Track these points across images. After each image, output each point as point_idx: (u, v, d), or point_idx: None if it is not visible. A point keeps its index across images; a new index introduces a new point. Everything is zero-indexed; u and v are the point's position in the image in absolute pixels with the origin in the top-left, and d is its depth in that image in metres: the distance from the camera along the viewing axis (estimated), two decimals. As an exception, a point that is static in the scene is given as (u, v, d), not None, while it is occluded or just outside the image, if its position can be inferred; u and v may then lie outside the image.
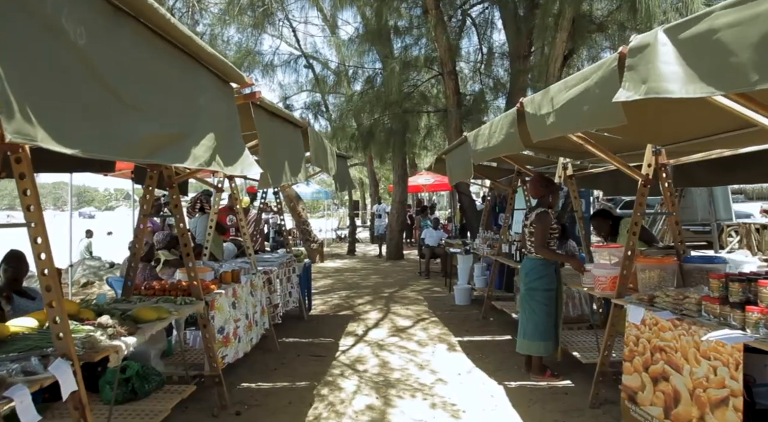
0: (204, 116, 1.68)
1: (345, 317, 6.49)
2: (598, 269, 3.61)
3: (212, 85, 1.80)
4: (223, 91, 1.89)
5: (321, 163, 3.73)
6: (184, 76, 1.58)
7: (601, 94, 2.17)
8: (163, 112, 1.39)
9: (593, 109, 2.26)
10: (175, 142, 1.44)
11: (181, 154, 1.49)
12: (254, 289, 4.51)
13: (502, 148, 3.68)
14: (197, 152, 1.59)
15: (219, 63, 1.78)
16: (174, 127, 1.44)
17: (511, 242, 5.83)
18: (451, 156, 5.46)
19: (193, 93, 1.63)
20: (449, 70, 10.19)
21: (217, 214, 5.11)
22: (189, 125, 1.53)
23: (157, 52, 1.45)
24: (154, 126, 1.33)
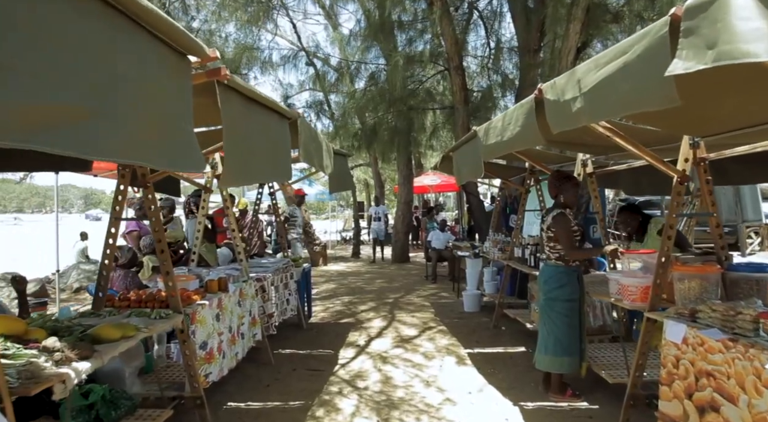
0: (133, 92, 1.29)
1: (346, 325, 6.10)
2: (627, 277, 3.20)
3: (155, 55, 1.42)
4: (172, 63, 1.51)
5: (312, 159, 3.34)
6: (108, 38, 1.19)
7: (647, 68, 1.77)
8: (59, 78, 1.00)
9: (636, 88, 1.85)
10: (74, 121, 1.05)
11: (81, 137, 1.09)
12: (243, 299, 4.13)
13: (517, 141, 3.28)
14: (111, 138, 1.19)
15: (166, 26, 1.39)
16: (74, 99, 1.05)
17: (525, 245, 5.42)
18: (459, 153, 5.06)
19: (123, 61, 1.24)
20: (456, 64, 9.79)
21: (206, 216, 4.74)
22: (102, 100, 1.13)
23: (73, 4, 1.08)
24: (38, 94, 0.94)
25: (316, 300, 7.76)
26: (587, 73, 2.24)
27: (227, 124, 1.83)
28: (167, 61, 1.52)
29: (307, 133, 3.26)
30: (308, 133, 3.28)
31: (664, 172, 3.03)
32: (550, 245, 3.71)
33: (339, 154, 4.95)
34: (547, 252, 3.78)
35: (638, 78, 1.82)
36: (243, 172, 1.96)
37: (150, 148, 1.45)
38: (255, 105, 2.24)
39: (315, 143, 3.51)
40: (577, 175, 4.50)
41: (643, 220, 4.07)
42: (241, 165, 1.93)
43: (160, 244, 3.09)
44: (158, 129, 1.44)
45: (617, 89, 1.97)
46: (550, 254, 3.74)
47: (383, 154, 11.48)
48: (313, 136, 3.44)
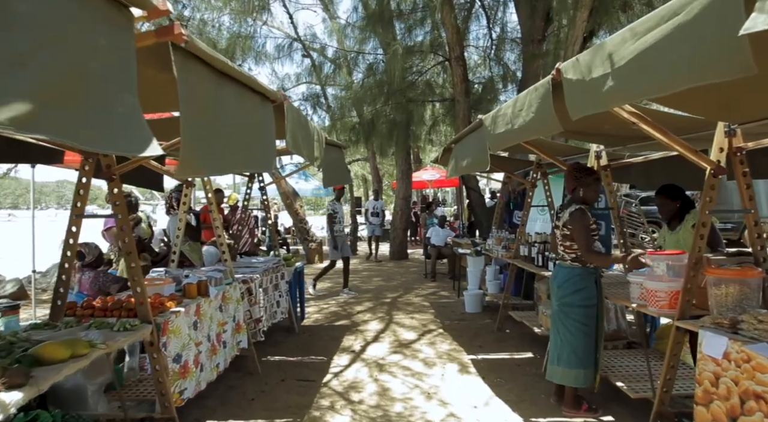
0: (50, 50, 0.95)
1: (341, 328, 5.75)
2: (653, 281, 2.85)
3: (77, 3, 1.05)
4: (104, 15, 1.15)
5: (301, 149, 2.97)
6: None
7: (710, 29, 1.41)
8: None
9: (694, 55, 1.49)
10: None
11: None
12: (227, 303, 3.77)
13: (530, 130, 2.92)
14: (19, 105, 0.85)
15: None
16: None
17: (531, 243, 5.07)
18: (462, 145, 4.70)
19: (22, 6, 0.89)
20: (457, 55, 9.42)
21: (190, 212, 4.37)
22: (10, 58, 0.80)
23: None
24: None
25: (310, 300, 7.42)
26: (620, 45, 1.88)
27: (185, 97, 1.47)
28: (98, 11, 1.16)
29: (296, 119, 2.89)
30: (297, 119, 2.92)
31: (696, 163, 2.68)
32: (565, 244, 3.35)
33: (333, 145, 4.59)
34: (561, 251, 3.43)
35: (697, 42, 1.46)
36: (206, 159, 1.59)
37: (73, 120, 1.09)
38: (226, 80, 1.88)
39: (305, 131, 3.15)
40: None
41: (682, 206, 3.58)
42: (203, 151, 1.57)
43: (127, 245, 2.73)
44: (87, 98, 1.08)
45: (666, 59, 1.61)
46: (564, 254, 3.38)
47: (381, 148, 11.12)
48: (302, 123, 3.07)
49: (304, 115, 3.16)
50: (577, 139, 4.14)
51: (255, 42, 11.37)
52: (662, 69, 1.64)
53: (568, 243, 3.32)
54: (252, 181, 5.48)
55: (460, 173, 4.38)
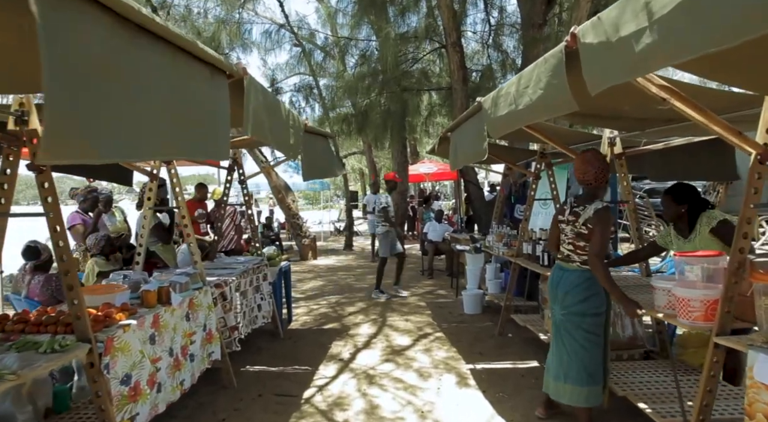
0: None
1: (331, 332, 5.33)
2: (684, 288, 2.42)
3: None
4: None
5: (267, 135, 2.52)
6: None
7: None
8: None
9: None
10: None
11: None
12: (195, 310, 3.34)
13: (538, 109, 2.48)
14: None
15: None
16: None
17: (535, 240, 4.64)
18: (459, 133, 4.24)
19: None
20: (453, 40, 8.95)
21: (153, 209, 3.92)
22: None
23: None
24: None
25: (300, 300, 7.00)
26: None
27: (55, 51, 1.02)
28: None
29: (259, 100, 2.44)
30: (261, 99, 2.46)
31: (739, 147, 2.24)
32: (578, 244, 2.92)
33: (317, 133, 4.13)
34: (567, 251, 2.99)
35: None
36: (94, 138, 1.14)
37: None
38: (146, 38, 1.43)
39: (273, 115, 2.69)
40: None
41: (691, 210, 3.02)
42: (90, 127, 1.13)
43: (61, 249, 2.29)
44: None
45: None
46: (573, 255, 2.96)
47: (375, 139, 10.64)
48: (269, 106, 2.62)
49: (272, 94, 2.71)
50: (587, 123, 3.69)
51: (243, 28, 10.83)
52: (729, 9, 1.20)
53: (582, 243, 2.90)
54: (231, 174, 5.03)
55: (461, 165, 3.93)
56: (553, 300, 3.05)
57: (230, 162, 5.05)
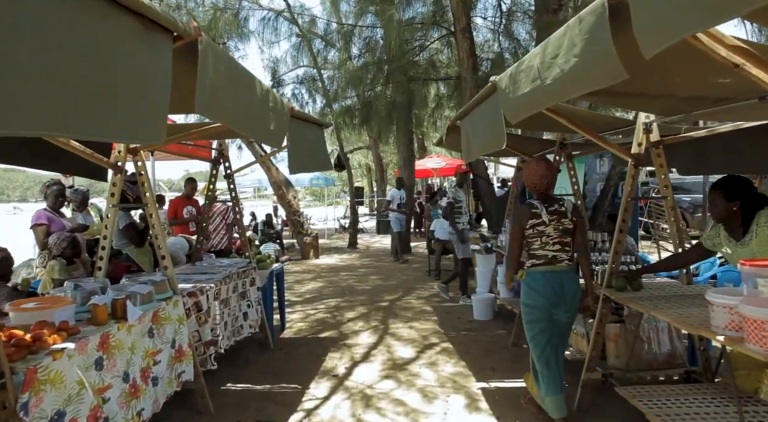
0: None
1: (326, 342, 4.85)
2: (759, 308, 1.89)
3: None
4: None
5: (231, 118, 2.02)
6: None
7: None
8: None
9: None
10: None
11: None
12: (161, 325, 2.87)
13: (573, 82, 1.97)
14: None
15: None
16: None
17: (555, 242, 4.11)
18: (470, 120, 3.71)
19: None
20: (463, 26, 8.42)
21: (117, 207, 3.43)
22: None
23: None
24: None
25: (296, 304, 6.53)
26: None
27: None
28: None
29: (220, 71, 1.94)
30: (223, 71, 1.97)
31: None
32: (566, 240, 2.93)
33: (307, 120, 3.64)
34: (553, 252, 2.92)
35: None
36: None
37: None
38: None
39: (243, 93, 2.20)
40: (637, 146, 3.16)
41: (745, 208, 2.51)
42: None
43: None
44: None
45: None
46: (561, 254, 2.93)
47: (380, 132, 10.10)
48: (237, 80, 2.12)
49: (240, 65, 2.20)
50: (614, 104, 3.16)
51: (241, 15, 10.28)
52: None
53: (569, 239, 2.94)
54: (216, 168, 4.56)
55: (475, 156, 3.41)
56: (557, 304, 2.91)
57: (215, 154, 4.58)
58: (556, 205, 2.94)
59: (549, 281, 2.89)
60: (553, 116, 3.04)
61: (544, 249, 2.91)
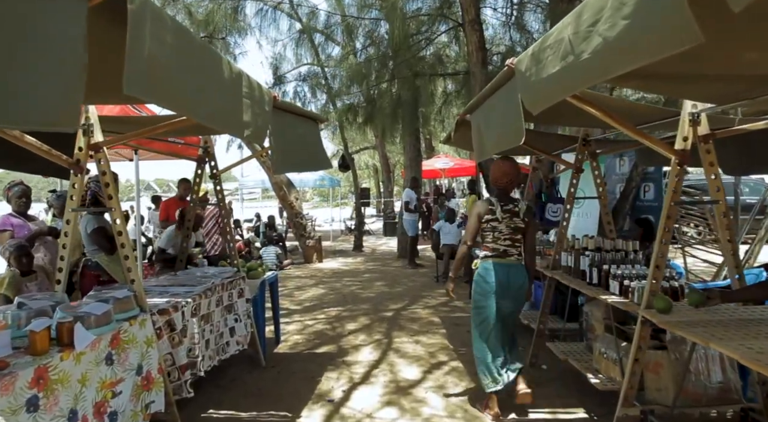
0: None
1: (324, 359, 4.41)
2: None
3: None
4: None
5: (169, 98, 1.58)
6: None
7: None
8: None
9: None
10: None
11: None
12: (123, 350, 2.45)
13: (623, 55, 1.53)
14: None
15: None
16: None
17: (579, 251, 3.64)
18: (483, 113, 3.26)
19: None
20: (471, 18, 7.96)
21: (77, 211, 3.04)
22: None
23: None
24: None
25: (294, 313, 6.11)
26: None
27: None
28: None
29: (160, 39, 1.50)
30: (165, 39, 1.53)
31: None
32: (516, 237, 3.23)
33: (296, 113, 3.21)
34: (504, 246, 3.23)
35: None
36: None
37: None
38: None
39: (201, 72, 1.76)
40: (682, 140, 2.69)
41: None
42: None
43: None
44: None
45: None
46: (511, 249, 3.23)
47: (384, 130, 9.65)
48: (184, 53, 1.67)
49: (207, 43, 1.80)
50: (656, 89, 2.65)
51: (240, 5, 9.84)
52: None
53: (519, 236, 3.24)
54: (201, 167, 4.14)
55: (489, 154, 2.96)
56: (503, 295, 3.17)
57: (200, 152, 4.17)
58: (511, 205, 3.24)
59: (497, 272, 3.16)
60: (580, 105, 2.57)
61: (496, 243, 3.22)
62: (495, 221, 3.20)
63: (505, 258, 3.18)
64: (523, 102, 2.34)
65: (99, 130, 2.76)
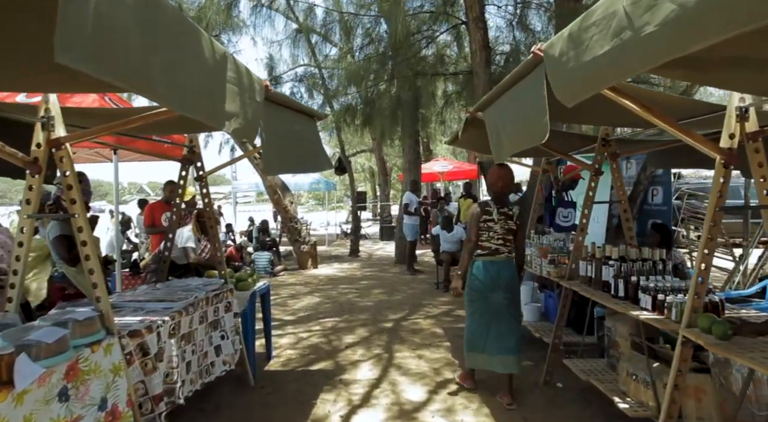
0: None
1: (319, 377, 4.05)
2: None
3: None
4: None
5: (120, 70, 1.22)
6: None
7: None
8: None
9: None
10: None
11: None
12: (81, 383, 2.09)
13: (717, 18, 1.18)
14: None
15: None
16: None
17: (601, 260, 3.31)
18: (499, 108, 2.91)
19: None
20: (476, 15, 7.67)
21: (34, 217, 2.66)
22: None
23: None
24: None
25: (288, 324, 5.75)
26: None
27: None
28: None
29: (123, 2, 1.16)
30: (129, 1, 1.19)
31: None
32: (508, 238, 3.57)
33: (291, 107, 2.85)
34: (496, 245, 3.55)
35: None
36: None
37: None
38: None
39: (159, 42, 1.41)
40: (728, 138, 2.36)
41: None
42: None
43: None
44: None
45: None
46: (503, 248, 3.55)
47: (383, 132, 9.29)
48: (147, 19, 1.32)
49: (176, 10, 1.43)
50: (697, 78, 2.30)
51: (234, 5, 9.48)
52: None
53: (511, 237, 3.55)
54: (185, 168, 3.78)
55: (509, 153, 2.62)
56: (494, 289, 3.50)
57: (185, 152, 3.81)
58: (506, 209, 3.57)
59: (488, 269, 3.52)
60: (616, 98, 2.23)
61: (490, 242, 3.54)
62: (492, 222, 3.54)
63: (496, 256, 3.53)
64: (555, 93, 2.01)
65: (61, 123, 2.39)
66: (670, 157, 4.28)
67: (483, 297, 3.51)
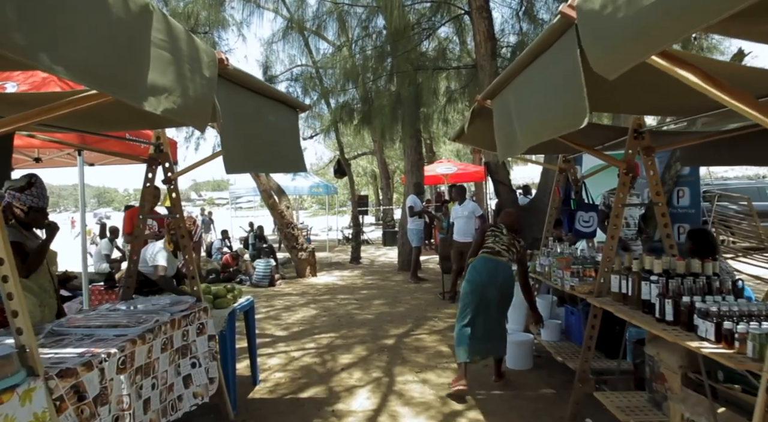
0: None
1: (309, 408, 3.53)
2: None
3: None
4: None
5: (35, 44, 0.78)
6: None
7: None
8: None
9: None
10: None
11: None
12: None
13: None
14: None
15: None
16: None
17: (639, 274, 2.78)
18: (515, 91, 2.40)
19: None
20: (480, 4, 7.17)
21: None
22: None
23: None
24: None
25: (279, 341, 5.23)
26: None
27: None
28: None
29: None
30: None
31: None
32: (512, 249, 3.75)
33: (260, 92, 2.35)
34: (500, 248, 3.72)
35: None
36: None
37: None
38: None
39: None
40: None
41: None
42: None
43: None
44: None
45: None
46: (505, 252, 3.71)
47: (383, 131, 8.78)
48: None
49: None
50: None
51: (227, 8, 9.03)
52: None
53: (514, 251, 3.76)
54: (152, 169, 3.28)
55: (525, 147, 2.11)
56: (490, 284, 3.65)
57: (152, 150, 3.31)
58: (514, 235, 3.81)
59: (488, 263, 3.68)
60: (673, 68, 1.69)
61: (495, 245, 3.73)
62: (500, 233, 3.78)
63: (497, 257, 3.69)
64: (591, 62, 1.51)
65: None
66: (707, 152, 3.75)
67: (478, 290, 3.65)
